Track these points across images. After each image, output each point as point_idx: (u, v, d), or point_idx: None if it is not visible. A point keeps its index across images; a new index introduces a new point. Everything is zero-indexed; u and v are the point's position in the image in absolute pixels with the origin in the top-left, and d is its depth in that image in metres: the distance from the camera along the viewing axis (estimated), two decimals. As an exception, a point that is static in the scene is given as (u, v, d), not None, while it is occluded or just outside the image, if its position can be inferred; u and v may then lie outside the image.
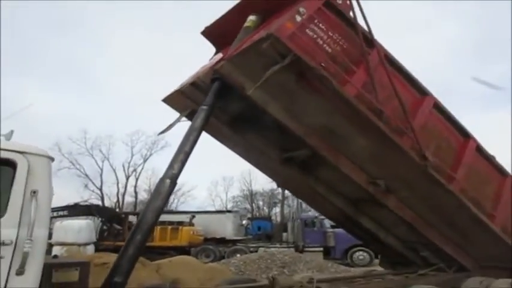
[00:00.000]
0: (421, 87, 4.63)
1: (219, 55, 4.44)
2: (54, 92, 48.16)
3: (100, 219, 16.95)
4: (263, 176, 6.04)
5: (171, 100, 4.58)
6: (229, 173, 42.07)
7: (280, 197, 38.05)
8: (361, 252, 16.31)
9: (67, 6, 44.28)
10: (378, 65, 4.08)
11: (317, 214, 16.77)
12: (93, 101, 48.95)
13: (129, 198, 38.41)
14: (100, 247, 14.09)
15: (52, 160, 2.76)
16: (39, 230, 2.41)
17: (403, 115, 4.12)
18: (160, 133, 4.48)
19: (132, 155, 37.62)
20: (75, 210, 16.69)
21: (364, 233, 5.96)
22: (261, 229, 28.01)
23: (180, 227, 17.78)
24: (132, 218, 16.49)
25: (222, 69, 3.71)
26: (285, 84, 3.65)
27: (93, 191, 36.02)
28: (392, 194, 4.82)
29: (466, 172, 4.81)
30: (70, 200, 18.30)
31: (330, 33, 3.85)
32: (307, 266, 11.76)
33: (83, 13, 43.96)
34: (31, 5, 44.54)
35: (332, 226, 16.72)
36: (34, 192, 2.45)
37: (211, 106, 3.80)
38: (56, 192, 2.85)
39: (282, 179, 5.76)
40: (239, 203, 43.94)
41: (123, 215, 18.74)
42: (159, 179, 3.55)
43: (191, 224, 18.51)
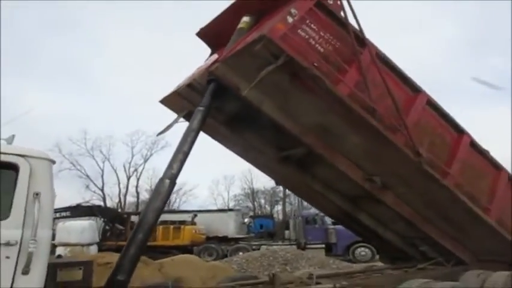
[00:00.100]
0: (414, 84, 4.65)
1: (214, 56, 4.48)
2: (53, 93, 48.32)
3: (102, 219, 17.08)
4: (264, 174, 6.07)
5: (168, 101, 4.62)
6: (230, 172, 41.98)
7: (281, 195, 38.05)
8: (362, 248, 16.34)
9: (66, 6, 44.45)
10: (370, 64, 4.11)
11: (318, 211, 16.82)
12: (92, 101, 49.04)
13: (131, 198, 38.56)
14: (103, 247, 14.18)
15: (53, 163, 2.84)
16: (42, 231, 2.48)
17: (396, 112, 4.15)
18: (158, 134, 4.55)
19: (133, 155, 37.75)
20: (77, 211, 16.85)
21: (363, 229, 6.00)
22: (263, 227, 28.12)
23: (182, 226, 17.87)
24: (134, 218, 16.56)
25: (217, 70, 3.77)
26: (279, 84, 3.69)
27: (94, 192, 36.18)
28: (388, 190, 4.86)
29: (461, 167, 4.83)
30: (72, 201, 18.50)
31: (322, 33, 3.87)
32: (309, 263, 11.82)
33: (82, 13, 43.91)
34: (30, 5, 44.64)
35: (333, 223, 16.72)
36: (37, 194, 2.52)
37: (207, 107, 3.86)
38: (58, 193, 2.92)
39: (280, 177, 5.77)
40: (241, 202, 43.98)
41: (125, 215, 18.88)
42: (159, 179, 3.62)
43: (193, 223, 18.57)
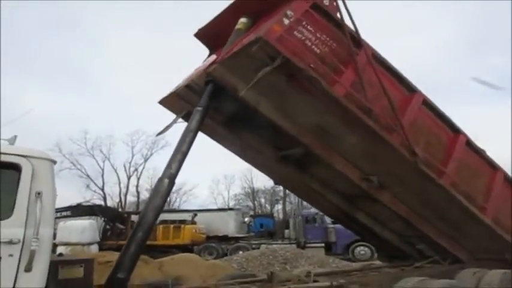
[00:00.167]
0: (410, 84, 4.68)
1: (213, 57, 4.51)
2: (53, 92, 48.19)
3: (103, 219, 17.14)
4: (264, 174, 6.12)
5: (167, 102, 4.66)
6: (230, 171, 41.94)
7: (282, 194, 38.05)
8: (362, 247, 16.39)
9: (66, 6, 44.37)
10: (366, 65, 4.14)
11: (317, 210, 16.88)
12: (92, 101, 49.00)
13: (132, 198, 38.56)
14: (103, 246, 14.28)
15: (54, 163, 2.90)
16: (44, 229, 2.54)
17: (392, 112, 4.19)
18: (157, 134, 4.60)
19: (133, 155, 37.74)
20: (78, 210, 16.92)
21: (361, 228, 6.04)
22: (263, 226, 28.13)
23: (183, 226, 17.94)
24: (135, 218, 16.59)
25: (215, 72, 3.81)
26: (276, 85, 3.73)
27: (95, 191, 36.18)
28: (385, 190, 4.89)
29: (457, 166, 4.87)
30: (73, 201, 18.59)
31: (318, 34, 3.90)
32: (308, 262, 11.87)
33: (82, 13, 43.89)
34: (29, 5, 44.62)
35: (333, 222, 16.77)
36: (39, 193, 2.58)
37: (205, 107, 3.91)
38: (59, 193, 2.97)
39: (279, 177, 5.79)
40: (241, 201, 43.98)
41: (125, 215, 18.94)
42: (158, 179, 3.69)
43: (193, 223, 18.64)
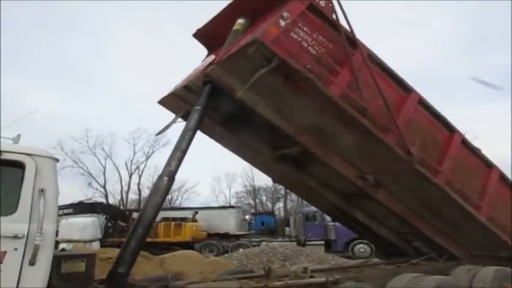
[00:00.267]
0: (406, 84, 4.73)
1: (211, 57, 4.56)
2: (53, 91, 48.63)
3: (104, 216, 17.31)
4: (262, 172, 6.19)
5: (166, 102, 4.73)
6: (231, 169, 42.10)
7: (283, 192, 38.16)
8: (361, 245, 16.44)
9: (66, 6, 44.56)
10: (362, 65, 4.19)
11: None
12: (93, 100, 49.31)
13: (133, 195, 38.80)
14: (105, 244, 14.39)
15: (57, 161, 3.00)
16: (47, 225, 2.64)
17: (387, 112, 4.25)
18: (157, 134, 4.69)
19: (135, 153, 37.96)
20: (79, 208, 17.10)
21: (358, 226, 6.10)
22: (264, 224, 28.34)
23: (184, 223, 18.11)
24: (136, 215, 16.73)
25: (212, 73, 3.87)
26: (273, 86, 3.79)
27: (96, 189, 36.43)
28: (381, 188, 4.95)
29: (452, 165, 4.93)
30: (74, 199, 18.72)
31: (314, 35, 3.93)
32: (308, 259, 11.92)
33: (82, 12, 44.20)
34: (29, 5, 44.69)
35: (333, 220, 16.83)
36: (42, 190, 2.67)
37: (204, 107, 3.97)
38: (61, 190, 3.05)
39: (277, 176, 5.84)
40: (242, 199, 44.20)
41: (127, 212, 19.14)
42: (158, 177, 3.78)
43: (194, 220, 18.80)
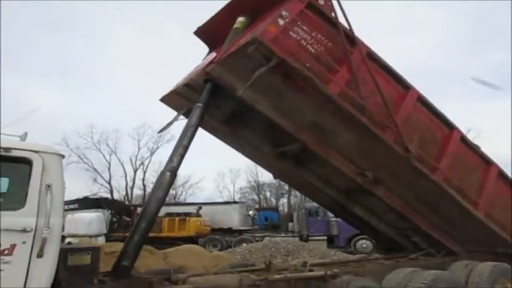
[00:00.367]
0: (405, 81, 4.75)
1: (212, 55, 4.61)
2: (55, 90, 48.80)
3: (110, 211, 17.52)
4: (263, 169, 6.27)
5: (168, 100, 4.81)
6: (235, 165, 42.22)
7: (287, 188, 38.21)
8: (363, 240, 16.50)
9: (66, 6, 44.62)
10: (361, 63, 4.22)
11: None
12: (97, 97, 49.67)
13: (138, 191, 39.11)
14: (111, 238, 14.60)
15: (63, 157, 3.11)
16: (54, 219, 2.75)
17: (386, 110, 4.29)
18: (159, 132, 4.78)
19: (139, 149, 38.23)
20: (85, 203, 17.32)
21: (358, 221, 6.17)
22: (268, 219, 28.43)
23: (188, 218, 18.30)
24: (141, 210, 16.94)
25: (213, 71, 3.94)
26: (273, 84, 3.84)
27: (102, 185, 36.78)
28: (380, 184, 5.01)
29: (450, 162, 4.96)
30: (80, 194, 18.93)
31: (313, 34, 3.96)
32: (310, 254, 12.01)
33: (84, 11, 44.23)
34: (29, 5, 44.82)
35: (335, 215, 16.95)
36: (49, 186, 2.79)
37: (205, 104, 4.04)
38: (66, 186, 3.16)
39: (278, 172, 5.91)
40: (246, 194, 44.30)
41: (132, 207, 19.37)
42: (160, 172, 3.88)
43: (198, 215, 18.97)
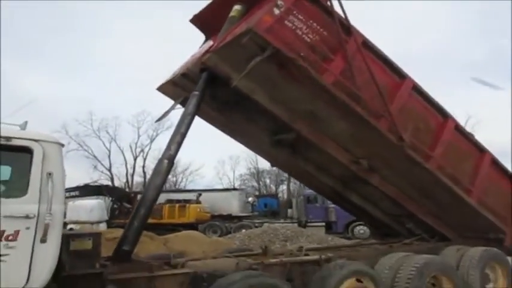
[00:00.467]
0: (400, 70, 4.76)
1: (208, 43, 4.62)
2: (55, 75, 48.52)
3: (110, 198, 17.76)
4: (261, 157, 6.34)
5: (164, 89, 4.85)
6: (235, 152, 42.42)
7: (286, 175, 38.40)
8: (361, 226, 16.65)
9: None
10: (356, 52, 4.21)
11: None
12: (97, 83, 49.34)
13: (138, 178, 39.37)
14: (112, 225, 14.86)
15: (63, 146, 3.19)
16: (56, 206, 2.84)
17: (381, 99, 4.33)
18: (157, 120, 4.84)
19: (139, 136, 38.34)
20: (86, 190, 17.55)
21: (354, 208, 6.31)
22: (267, 206, 28.78)
23: (188, 205, 18.57)
24: (142, 197, 17.13)
25: (209, 61, 3.96)
26: (268, 74, 3.87)
27: (102, 172, 37.04)
28: (375, 172, 5.11)
29: (444, 150, 5.03)
30: (80, 181, 19.19)
31: (309, 23, 3.93)
32: (308, 240, 12.24)
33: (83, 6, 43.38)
34: (29, 5, 43.92)
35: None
36: (49, 174, 2.86)
37: (202, 92, 4.08)
38: (67, 173, 3.23)
39: (274, 160, 5.99)
40: (246, 181, 44.66)
41: (132, 194, 19.59)
42: (158, 160, 3.97)
43: (198, 202, 19.23)
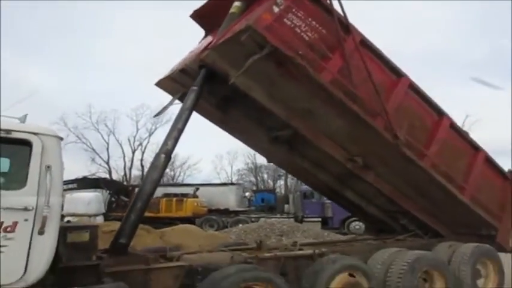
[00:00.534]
0: (397, 69, 4.80)
1: (208, 39, 4.63)
2: (54, 68, 48.24)
3: (108, 191, 17.79)
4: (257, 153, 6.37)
5: (163, 85, 4.87)
6: (233, 147, 42.43)
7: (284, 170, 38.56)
8: (357, 222, 16.76)
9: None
10: (354, 50, 4.24)
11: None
12: (96, 76, 49.14)
13: (136, 171, 39.38)
14: (109, 218, 14.89)
15: (61, 139, 3.22)
16: (54, 198, 2.88)
17: (377, 97, 4.37)
18: (155, 116, 4.97)
19: (137, 129, 38.27)
20: (84, 183, 17.56)
21: (349, 204, 6.37)
22: (264, 201, 28.89)
23: (185, 199, 18.62)
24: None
25: (207, 58, 3.98)
26: (266, 71, 3.89)
27: (100, 165, 37.05)
28: (370, 170, 5.16)
29: (439, 148, 5.09)
30: (78, 174, 19.19)
31: (308, 21, 3.95)
32: (304, 235, 12.33)
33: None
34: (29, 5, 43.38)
35: (329, 198, 17.22)
36: (48, 167, 2.89)
37: (200, 87, 4.11)
38: (65, 166, 3.28)
39: (271, 156, 6.03)
40: (244, 176, 44.82)
41: (130, 188, 19.62)
42: (155, 154, 4.02)
43: (195, 196, 19.29)
